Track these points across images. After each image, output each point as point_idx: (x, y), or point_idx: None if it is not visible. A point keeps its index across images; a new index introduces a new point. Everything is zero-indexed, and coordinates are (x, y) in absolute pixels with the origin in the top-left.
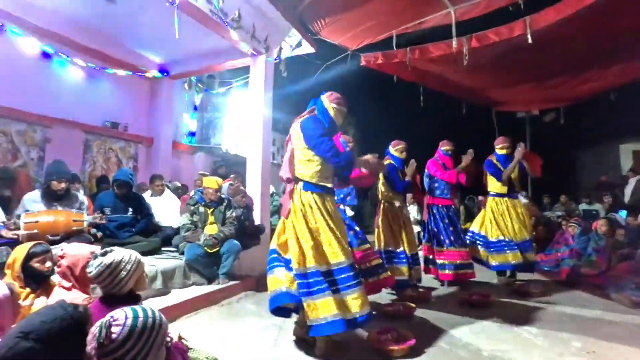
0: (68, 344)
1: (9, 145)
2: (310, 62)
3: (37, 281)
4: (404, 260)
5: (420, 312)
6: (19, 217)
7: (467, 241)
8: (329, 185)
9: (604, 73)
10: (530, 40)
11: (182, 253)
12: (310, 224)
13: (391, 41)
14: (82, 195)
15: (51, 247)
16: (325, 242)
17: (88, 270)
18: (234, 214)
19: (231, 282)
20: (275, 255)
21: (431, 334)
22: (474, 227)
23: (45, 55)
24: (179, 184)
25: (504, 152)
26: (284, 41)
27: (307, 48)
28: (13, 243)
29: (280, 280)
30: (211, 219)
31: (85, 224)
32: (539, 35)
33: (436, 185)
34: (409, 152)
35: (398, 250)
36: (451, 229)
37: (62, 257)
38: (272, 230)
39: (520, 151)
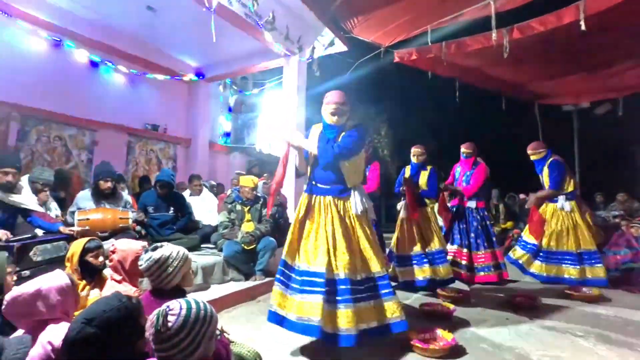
0: (123, 331)
1: (63, 148)
2: (343, 61)
3: (92, 274)
4: (424, 261)
5: (460, 313)
6: (72, 214)
7: (519, 247)
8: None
9: None
10: (583, 27)
11: (221, 250)
12: (337, 232)
13: (425, 37)
14: (126, 195)
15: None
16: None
17: (139, 263)
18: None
19: (267, 279)
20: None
21: (473, 335)
22: (528, 235)
23: (93, 64)
24: (215, 183)
25: (536, 157)
26: (317, 40)
27: (339, 47)
28: (70, 238)
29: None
30: (248, 216)
31: (130, 221)
32: (594, 20)
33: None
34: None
35: (413, 253)
36: (481, 230)
37: (113, 251)
38: None
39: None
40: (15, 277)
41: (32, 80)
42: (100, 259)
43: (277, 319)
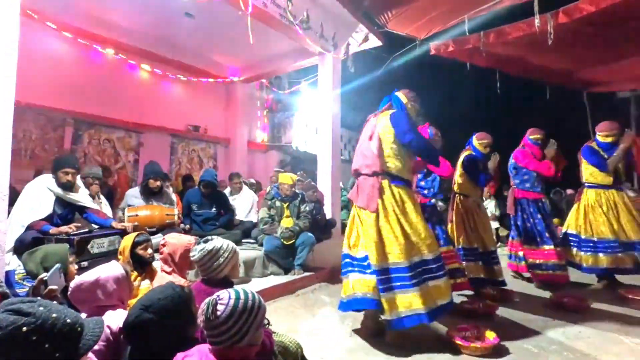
0: (177, 318)
1: (112, 150)
2: (378, 56)
3: (142, 266)
4: (479, 257)
5: (502, 312)
6: (122, 211)
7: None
8: (411, 179)
9: None
10: None
11: (261, 244)
12: (401, 218)
13: (461, 27)
14: (171, 192)
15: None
16: (415, 235)
17: (191, 254)
18: (307, 208)
19: (306, 273)
20: (349, 259)
21: (516, 334)
22: (567, 226)
23: (134, 69)
24: (254, 181)
25: (609, 140)
26: (351, 37)
27: (374, 42)
28: (122, 233)
29: (355, 286)
30: (287, 212)
31: (175, 217)
32: None
33: (526, 177)
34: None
35: (472, 247)
36: (544, 225)
37: (164, 245)
38: (343, 225)
39: (628, 137)
40: (76, 267)
41: (82, 88)
42: (149, 251)
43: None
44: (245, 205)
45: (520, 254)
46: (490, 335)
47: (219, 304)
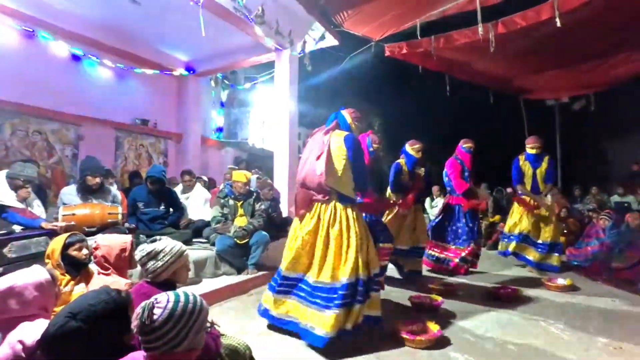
0: (111, 326)
1: (44, 143)
2: (335, 55)
3: (77, 269)
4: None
5: (447, 305)
6: (57, 210)
7: (505, 240)
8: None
9: (637, 55)
10: (559, 24)
11: (213, 244)
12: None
13: (415, 30)
14: (115, 190)
15: (87, 237)
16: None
17: (135, 254)
18: (262, 207)
19: (260, 273)
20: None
21: (457, 326)
22: (506, 228)
23: (75, 58)
24: (206, 178)
25: (534, 151)
26: (308, 35)
27: (330, 41)
28: (52, 234)
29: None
30: (240, 211)
31: (119, 216)
32: (567, 17)
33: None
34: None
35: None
36: (466, 228)
37: (96, 248)
38: None
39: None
40: None
41: (4, 72)
42: (85, 252)
43: None
44: (197, 203)
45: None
46: (434, 328)
47: (155, 308)
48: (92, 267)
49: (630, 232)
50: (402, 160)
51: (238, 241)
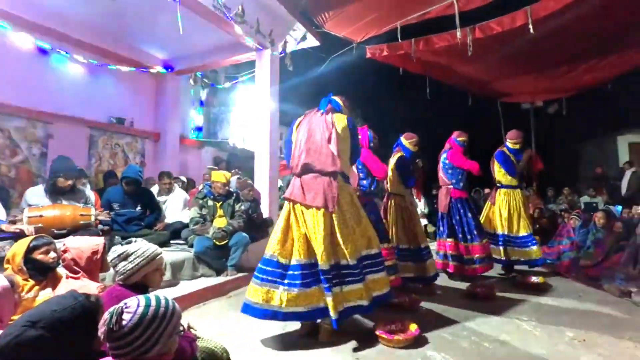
0: (78, 332)
1: (7, 141)
2: (317, 55)
3: (43, 273)
4: (410, 257)
5: (426, 305)
6: (23, 211)
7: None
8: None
9: (603, 63)
10: (532, 30)
11: (191, 246)
12: (353, 215)
13: (396, 32)
14: (88, 190)
15: (55, 240)
16: (364, 232)
17: (108, 256)
18: (242, 207)
19: (239, 274)
20: (278, 269)
21: (436, 325)
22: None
23: (42, 51)
24: (184, 179)
25: (517, 146)
26: (289, 35)
27: (312, 41)
28: (16, 237)
29: (291, 300)
30: (220, 212)
31: (92, 218)
32: (540, 25)
33: (460, 177)
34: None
35: (405, 247)
36: (474, 222)
37: (65, 251)
38: None
39: (527, 153)
40: None
41: None
42: (52, 255)
43: None
44: (176, 206)
45: (450, 253)
46: (413, 327)
47: (125, 313)
48: (61, 270)
49: (597, 231)
50: (401, 153)
51: (217, 242)
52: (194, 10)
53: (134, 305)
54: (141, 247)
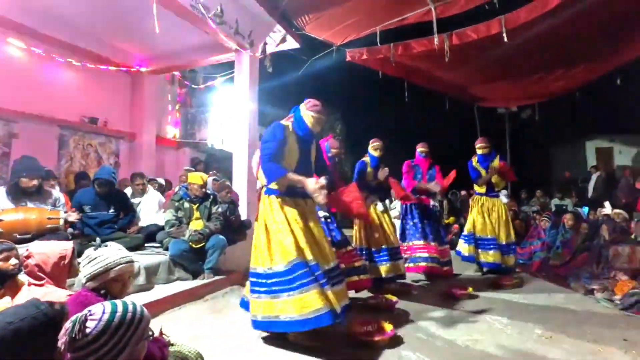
0: (40, 343)
1: None
2: (297, 57)
3: (1, 281)
4: (383, 259)
5: (402, 305)
6: None
7: (464, 240)
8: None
9: (571, 72)
10: (506, 39)
11: (167, 249)
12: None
13: (376, 36)
14: (57, 192)
15: (18, 246)
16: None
17: (79, 260)
18: (219, 210)
19: (216, 277)
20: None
21: (411, 325)
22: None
23: (6, 45)
24: (162, 180)
25: (485, 152)
26: (269, 37)
27: (292, 43)
28: None
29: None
30: (196, 214)
31: (61, 221)
32: (513, 33)
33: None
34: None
35: (377, 248)
36: (431, 227)
37: (28, 257)
38: None
39: (492, 170)
40: None
41: None
42: (13, 261)
43: None
44: (150, 208)
45: (417, 254)
46: (388, 327)
47: (89, 320)
48: (23, 278)
49: (565, 232)
50: (366, 159)
51: (193, 245)
52: (170, 9)
53: (98, 312)
54: (104, 253)
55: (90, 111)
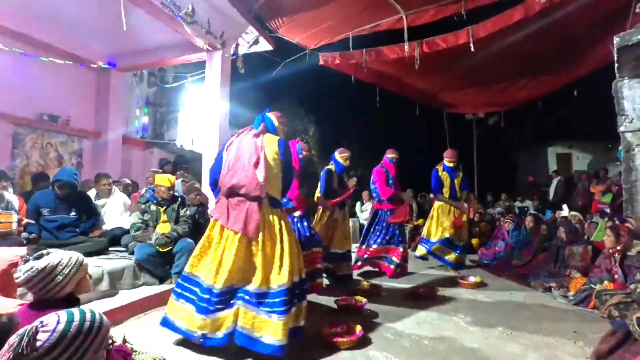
0: None
1: None
2: (270, 59)
3: None
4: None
5: (371, 306)
6: None
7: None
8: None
9: (533, 83)
10: (472, 49)
11: (132, 253)
12: (276, 242)
13: (349, 42)
14: (10, 194)
15: None
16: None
17: (15, 276)
18: (187, 212)
19: None
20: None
21: (379, 325)
22: (424, 233)
23: None
24: (129, 181)
25: (452, 164)
26: (241, 37)
27: (265, 45)
28: None
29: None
30: (164, 217)
31: (14, 225)
32: (480, 44)
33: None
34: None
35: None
36: (394, 230)
37: None
38: None
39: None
40: None
41: None
42: None
43: None
44: (115, 211)
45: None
46: (357, 329)
47: (40, 332)
48: None
49: (527, 233)
50: (332, 167)
51: (160, 249)
52: (140, 7)
53: (52, 323)
54: (63, 256)
55: (50, 108)
